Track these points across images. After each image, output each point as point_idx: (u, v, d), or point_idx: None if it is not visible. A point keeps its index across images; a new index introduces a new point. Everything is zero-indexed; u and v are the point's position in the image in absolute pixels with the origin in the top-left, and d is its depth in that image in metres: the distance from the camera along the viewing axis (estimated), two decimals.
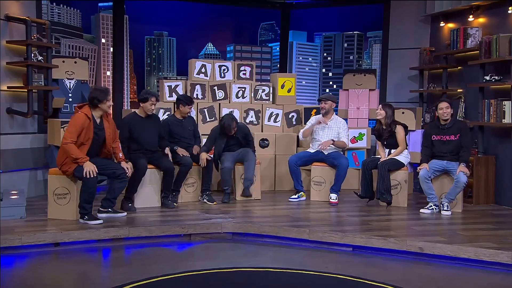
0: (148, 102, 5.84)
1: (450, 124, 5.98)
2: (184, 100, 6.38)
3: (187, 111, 6.40)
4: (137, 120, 5.91)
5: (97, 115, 5.28)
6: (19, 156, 6.34)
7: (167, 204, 5.98)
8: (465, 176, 5.77)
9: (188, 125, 6.48)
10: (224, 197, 6.38)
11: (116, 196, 5.44)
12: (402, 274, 4.31)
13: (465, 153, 5.89)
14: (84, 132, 5.11)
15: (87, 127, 5.12)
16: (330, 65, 40.99)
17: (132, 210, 5.72)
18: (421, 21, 8.09)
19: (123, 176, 5.35)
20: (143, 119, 5.92)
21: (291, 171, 6.60)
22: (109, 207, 5.41)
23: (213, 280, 4.04)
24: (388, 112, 6.30)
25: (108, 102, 5.25)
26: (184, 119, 6.46)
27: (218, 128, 6.52)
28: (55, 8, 31.25)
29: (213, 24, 28.61)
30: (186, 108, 6.36)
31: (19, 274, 4.18)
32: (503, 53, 6.33)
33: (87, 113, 5.17)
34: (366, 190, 6.33)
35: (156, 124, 6.07)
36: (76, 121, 5.11)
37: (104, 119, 5.35)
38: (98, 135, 5.26)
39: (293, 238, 5.08)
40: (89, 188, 5.08)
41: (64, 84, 6.84)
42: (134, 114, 5.97)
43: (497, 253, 4.40)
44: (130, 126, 5.85)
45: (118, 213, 5.45)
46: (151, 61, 37.16)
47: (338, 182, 6.44)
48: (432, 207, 5.92)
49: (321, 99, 6.70)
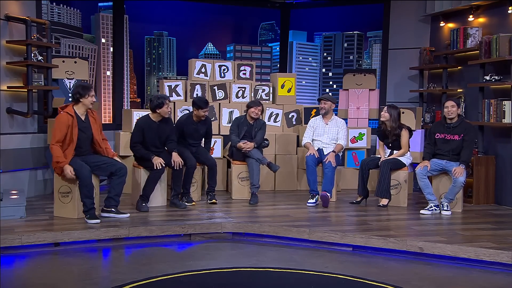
0: (164, 106, 5.78)
1: (456, 124, 5.96)
2: (198, 103, 6.22)
3: (201, 115, 6.24)
4: (151, 124, 5.84)
5: (81, 112, 5.31)
6: (19, 156, 6.34)
7: (178, 204, 5.96)
8: (463, 176, 5.77)
9: (201, 129, 6.40)
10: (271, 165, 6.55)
11: (119, 194, 5.43)
12: (402, 274, 4.31)
13: (466, 153, 5.88)
14: (70, 130, 5.17)
15: (71, 125, 5.18)
16: (330, 65, 40.97)
17: (144, 210, 5.74)
18: (421, 21, 8.09)
19: (120, 172, 5.35)
20: (155, 123, 5.86)
21: (312, 171, 6.40)
22: (112, 206, 5.41)
23: (213, 280, 4.04)
24: (393, 114, 6.26)
25: (90, 98, 5.28)
26: (200, 122, 6.36)
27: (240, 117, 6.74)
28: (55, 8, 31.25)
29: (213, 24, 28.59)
30: (200, 112, 6.21)
31: (19, 274, 4.18)
32: (503, 53, 6.33)
33: (69, 111, 5.22)
34: (362, 189, 6.35)
35: (168, 128, 6.00)
36: (59, 122, 5.18)
37: (90, 116, 5.40)
38: (84, 132, 5.29)
39: (293, 238, 5.08)
40: (84, 181, 5.14)
41: (64, 84, 6.84)
42: (148, 119, 5.87)
43: (497, 253, 4.40)
44: (144, 131, 5.82)
45: (121, 214, 5.43)
46: (151, 61, 37.16)
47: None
48: (433, 208, 5.91)
49: (321, 98, 6.69)
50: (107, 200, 5.41)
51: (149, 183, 5.81)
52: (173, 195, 6.03)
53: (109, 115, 8.83)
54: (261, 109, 6.64)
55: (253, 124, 6.63)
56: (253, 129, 6.62)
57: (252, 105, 6.58)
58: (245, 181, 6.68)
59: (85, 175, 5.12)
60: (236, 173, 6.67)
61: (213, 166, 6.36)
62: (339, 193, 7.06)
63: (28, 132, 6.55)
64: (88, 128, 5.34)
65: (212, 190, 6.35)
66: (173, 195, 6.03)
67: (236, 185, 6.68)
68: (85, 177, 5.13)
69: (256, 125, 6.63)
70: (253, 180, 6.40)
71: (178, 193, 6.05)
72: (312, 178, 6.38)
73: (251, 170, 6.43)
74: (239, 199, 6.60)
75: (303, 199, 6.61)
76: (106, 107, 25.63)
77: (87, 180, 5.15)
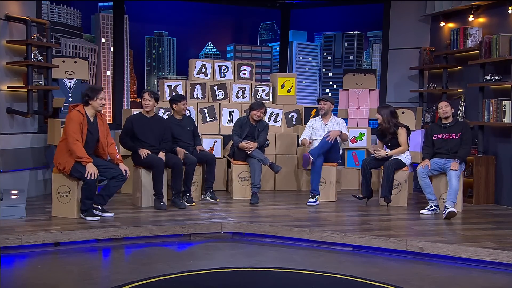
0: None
1: (452, 123, 6.01)
2: (176, 98, 6.44)
3: (182, 108, 6.39)
4: (142, 119, 6.03)
5: (90, 114, 5.34)
6: (19, 156, 6.34)
7: (178, 204, 5.97)
8: (456, 173, 5.75)
9: (187, 125, 6.49)
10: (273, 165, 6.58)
11: (110, 195, 5.49)
12: (402, 274, 4.31)
13: (464, 150, 5.89)
14: (80, 128, 5.18)
15: (82, 123, 5.20)
16: (330, 65, 40.89)
17: (163, 208, 5.82)
18: (421, 21, 8.09)
19: (121, 177, 5.38)
20: (147, 118, 6.03)
21: (318, 171, 6.42)
22: (100, 204, 5.43)
23: (213, 280, 4.04)
24: (384, 114, 6.28)
25: (99, 100, 5.30)
26: (183, 119, 6.47)
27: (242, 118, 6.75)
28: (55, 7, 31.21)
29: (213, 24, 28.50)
30: (180, 105, 6.37)
31: (19, 274, 4.18)
32: (503, 53, 6.33)
33: (80, 110, 5.25)
34: (366, 189, 6.34)
35: (162, 125, 6.13)
36: (73, 119, 5.19)
37: (98, 118, 5.42)
38: (92, 133, 5.32)
39: (293, 238, 5.08)
40: (90, 186, 5.17)
41: (64, 84, 6.84)
42: (140, 115, 6.09)
43: (497, 253, 4.40)
44: (133, 125, 5.97)
45: (106, 213, 5.46)
46: (151, 60, 37.10)
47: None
48: (433, 208, 5.90)
49: (321, 99, 6.70)
50: (97, 197, 5.42)
51: (154, 180, 5.88)
52: (174, 194, 6.04)
53: (109, 115, 8.82)
54: (264, 111, 6.67)
55: (256, 125, 6.64)
56: (256, 130, 6.63)
57: (255, 107, 6.58)
58: (245, 181, 6.68)
59: (91, 179, 5.12)
60: (237, 173, 6.67)
61: (212, 161, 6.37)
62: (339, 193, 7.06)
63: (28, 132, 6.55)
64: (96, 130, 5.37)
65: (210, 186, 6.34)
66: (174, 194, 6.04)
67: (236, 185, 6.68)
68: (91, 182, 5.14)
69: (259, 126, 6.64)
70: (254, 180, 6.40)
71: (178, 192, 6.05)
72: (317, 177, 6.39)
73: (253, 170, 6.43)
74: (239, 199, 6.60)
75: (303, 199, 6.62)
76: (106, 107, 25.62)
77: (92, 184, 5.18)
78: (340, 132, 6.46)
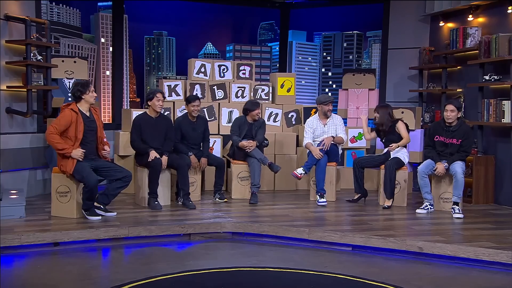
0: (154, 99, 5.91)
1: (455, 127, 5.91)
2: (187, 99, 6.39)
3: (191, 110, 6.32)
4: (149, 121, 5.99)
5: (85, 109, 5.34)
6: (19, 156, 6.33)
7: (188, 205, 5.96)
8: (460, 167, 5.77)
9: (199, 127, 6.44)
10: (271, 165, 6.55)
11: (115, 195, 5.48)
12: (402, 273, 4.31)
13: (459, 155, 5.85)
14: (74, 126, 5.19)
15: (76, 121, 5.20)
16: (329, 64, 40.88)
17: (158, 208, 5.82)
18: (420, 21, 8.09)
19: (126, 178, 5.41)
20: (153, 119, 5.99)
21: (322, 171, 6.40)
22: (103, 204, 5.43)
23: (212, 280, 4.04)
24: (380, 112, 6.34)
25: (91, 93, 5.31)
26: (196, 120, 6.43)
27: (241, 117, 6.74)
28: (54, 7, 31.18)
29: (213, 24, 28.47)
30: (190, 106, 6.32)
31: (19, 274, 4.18)
32: (503, 52, 6.33)
33: (73, 108, 5.25)
34: (358, 188, 6.37)
35: (166, 123, 6.10)
36: (62, 116, 5.21)
37: (93, 113, 5.43)
38: (91, 127, 5.33)
39: (293, 237, 5.09)
40: (89, 188, 5.16)
41: (63, 84, 6.84)
42: (146, 116, 6.03)
43: (497, 253, 4.40)
44: (141, 127, 5.94)
45: (108, 213, 5.46)
46: (150, 60, 37.09)
47: (308, 162, 6.44)
48: (428, 207, 5.93)
49: (331, 101, 6.66)
50: (101, 196, 5.43)
51: (150, 178, 5.87)
52: (183, 195, 6.04)
53: (109, 115, 8.82)
54: (260, 108, 6.74)
55: (253, 124, 6.65)
56: (253, 128, 6.64)
57: (254, 108, 6.60)
58: (245, 181, 6.68)
59: (92, 183, 5.13)
60: (236, 173, 6.68)
61: (221, 165, 6.45)
62: (339, 193, 7.06)
63: (27, 132, 6.55)
64: (93, 122, 5.38)
65: (220, 188, 6.44)
66: (183, 195, 6.04)
67: (235, 185, 6.68)
68: (92, 185, 5.15)
69: (256, 124, 6.66)
70: (254, 179, 6.41)
71: (187, 194, 6.05)
72: (322, 177, 6.39)
73: (253, 169, 6.44)
74: (239, 199, 6.60)
75: (303, 199, 6.62)
76: (106, 107, 25.62)
77: (93, 187, 5.17)
78: (332, 137, 6.48)
